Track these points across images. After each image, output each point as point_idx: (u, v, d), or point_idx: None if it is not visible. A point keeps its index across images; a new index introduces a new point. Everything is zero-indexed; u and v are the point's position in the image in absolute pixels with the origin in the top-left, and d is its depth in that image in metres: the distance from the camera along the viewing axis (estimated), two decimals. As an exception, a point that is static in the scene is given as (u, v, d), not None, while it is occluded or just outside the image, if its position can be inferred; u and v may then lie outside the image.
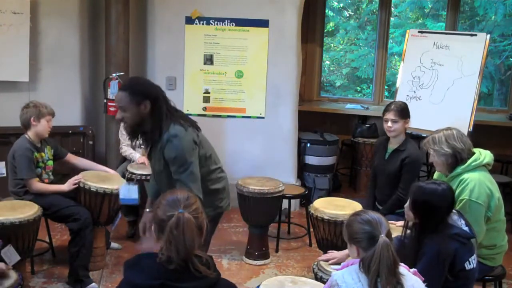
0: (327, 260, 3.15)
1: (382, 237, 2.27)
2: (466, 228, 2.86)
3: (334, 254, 3.18)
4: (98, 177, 4.26)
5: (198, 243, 2.01)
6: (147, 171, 4.64)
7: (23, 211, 3.76)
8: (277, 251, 4.84)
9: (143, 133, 3.03)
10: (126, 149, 4.95)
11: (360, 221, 2.37)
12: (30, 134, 4.08)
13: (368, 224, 2.35)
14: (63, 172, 4.50)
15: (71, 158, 4.42)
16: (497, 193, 3.32)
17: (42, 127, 4.07)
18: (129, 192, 3.41)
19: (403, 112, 4.11)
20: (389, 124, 4.11)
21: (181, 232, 1.96)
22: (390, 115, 4.11)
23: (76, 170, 4.34)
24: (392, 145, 4.18)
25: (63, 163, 4.40)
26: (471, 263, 2.83)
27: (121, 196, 3.46)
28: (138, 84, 3.09)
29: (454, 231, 2.81)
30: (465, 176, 3.28)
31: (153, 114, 2.98)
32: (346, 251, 3.08)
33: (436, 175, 3.59)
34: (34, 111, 4.04)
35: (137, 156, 4.86)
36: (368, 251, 2.27)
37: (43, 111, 4.07)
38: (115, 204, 4.25)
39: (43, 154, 4.15)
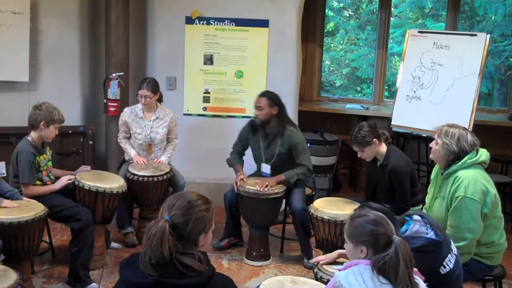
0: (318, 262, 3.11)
1: (396, 237, 2.24)
2: (432, 233, 2.74)
3: (320, 257, 3.13)
4: (95, 176, 4.32)
5: (169, 249, 1.96)
6: (149, 172, 4.68)
7: (28, 210, 3.75)
8: (281, 251, 4.84)
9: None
10: (123, 141, 4.96)
11: (372, 222, 2.31)
12: (34, 135, 4.05)
13: (381, 226, 2.29)
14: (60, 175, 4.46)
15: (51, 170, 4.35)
16: (493, 190, 3.33)
17: (49, 132, 4.04)
18: None
19: (364, 140, 4.06)
20: (359, 154, 4.18)
21: (149, 238, 1.98)
22: (354, 148, 4.16)
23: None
24: (378, 159, 4.21)
25: None
26: (446, 266, 2.75)
27: None
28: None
29: (418, 244, 2.69)
30: (460, 173, 3.30)
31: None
32: (337, 252, 3.06)
33: (434, 170, 3.59)
34: (46, 116, 3.98)
35: (132, 153, 4.86)
36: (382, 252, 2.22)
37: (55, 118, 4.01)
38: (109, 203, 4.25)
39: (44, 155, 4.14)
